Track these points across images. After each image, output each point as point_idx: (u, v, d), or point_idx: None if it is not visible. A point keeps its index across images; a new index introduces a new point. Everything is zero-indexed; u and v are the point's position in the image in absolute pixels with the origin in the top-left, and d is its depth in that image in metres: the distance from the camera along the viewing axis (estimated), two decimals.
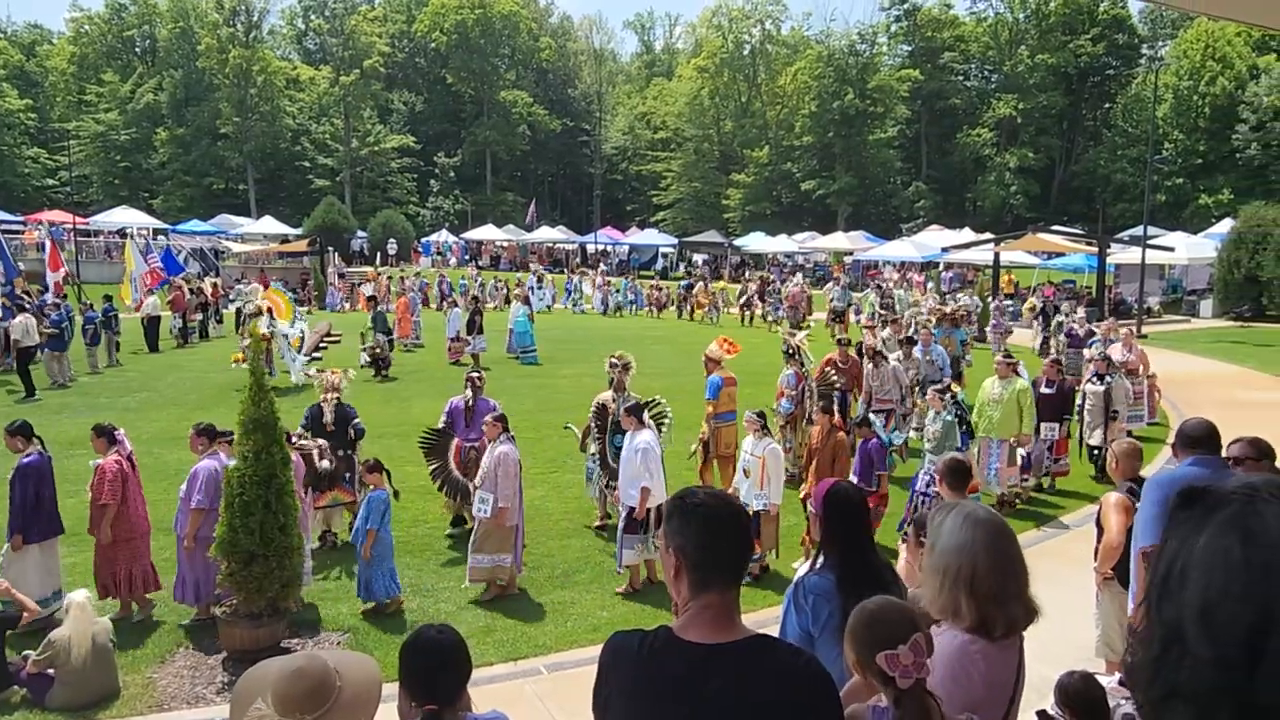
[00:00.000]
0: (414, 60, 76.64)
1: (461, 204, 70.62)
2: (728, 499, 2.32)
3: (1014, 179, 57.66)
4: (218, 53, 65.97)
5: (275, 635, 7.00)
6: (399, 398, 17.06)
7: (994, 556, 2.50)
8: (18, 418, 8.40)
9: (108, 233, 47.42)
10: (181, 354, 23.91)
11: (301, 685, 2.60)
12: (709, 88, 67.77)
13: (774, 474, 8.27)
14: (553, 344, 23.89)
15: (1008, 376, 10.43)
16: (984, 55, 64.89)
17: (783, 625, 3.45)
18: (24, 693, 6.41)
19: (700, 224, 62.24)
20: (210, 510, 7.43)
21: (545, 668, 6.90)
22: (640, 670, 2.16)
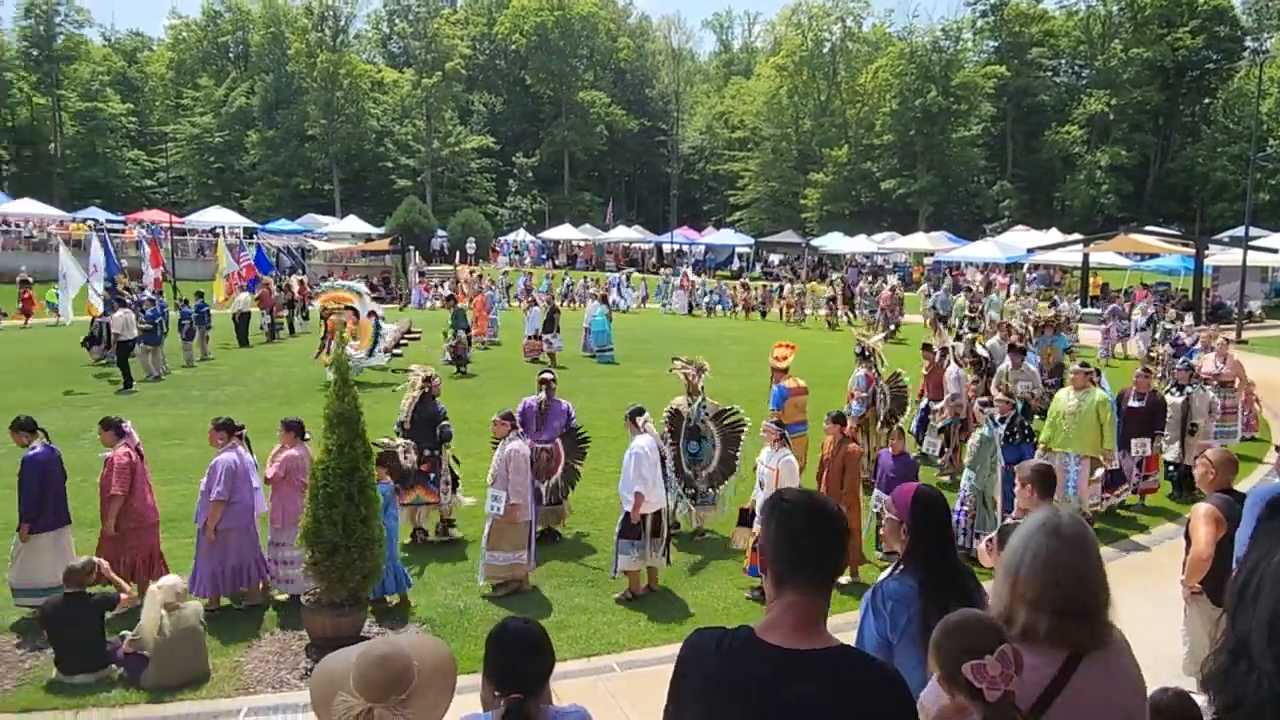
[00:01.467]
0: (494, 62, 77.86)
1: (539, 204, 71.45)
2: (818, 500, 2.27)
3: (1105, 177, 55.68)
4: (306, 57, 68.06)
5: (357, 624, 7.13)
6: (475, 394, 17.29)
7: (1044, 562, 2.42)
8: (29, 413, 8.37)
9: (201, 232, 49.18)
10: (269, 349, 24.67)
11: (383, 672, 2.67)
12: (788, 86, 67.14)
13: (789, 484, 7.80)
14: (630, 343, 23.95)
15: (1084, 387, 9.65)
16: (1074, 50, 62.84)
17: (860, 631, 3.39)
18: (121, 671, 6.64)
19: (777, 224, 61.73)
20: (230, 502, 7.60)
21: (618, 665, 6.90)
22: (717, 669, 2.15)
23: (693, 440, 9.58)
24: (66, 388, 18.17)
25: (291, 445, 8.17)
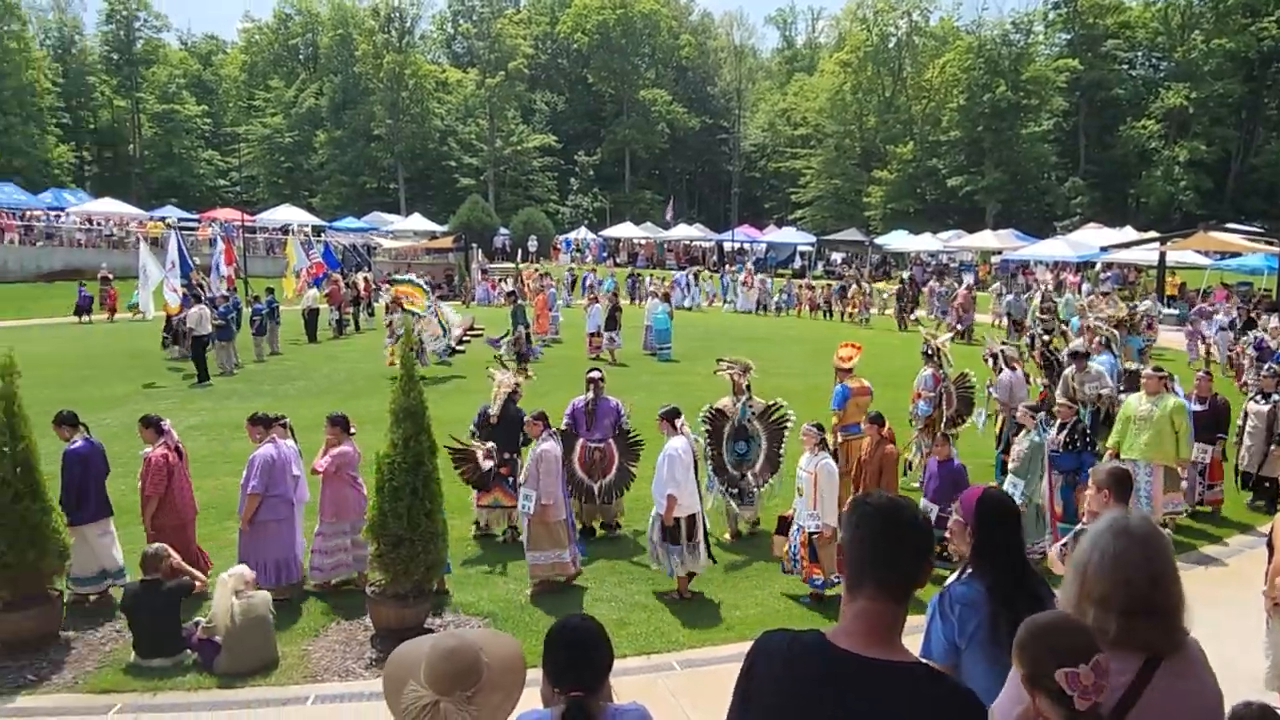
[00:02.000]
0: (556, 61, 78.36)
1: (600, 202, 71.70)
2: (899, 504, 2.21)
3: (1183, 173, 53.75)
4: (373, 58, 69.32)
5: (421, 616, 7.25)
6: (537, 391, 17.28)
7: (1112, 561, 2.36)
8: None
9: (271, 229, 50.34)
10: (337, 345, 25.19)
11: (454, 664, 2.71)
12: (851, 82, 66.22)
13: (827, 492, 7.71)
14: (690, 341, 23.89)
15: (1158, 392, 9.16)
16: (1152, 42, 60.65)
17: (926, 635, 3.34)
18: (195, 657, 6.85)
19: (840, 222, 60.94)
20: (266, 496, 7.72)
21: (678, 664, 6.89)
22: (785, 671, 2.13)
23: (740, 440, 9.50)
24: (145, 381, 18.78)
25: (339, 440, 8.29)
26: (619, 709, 2.91)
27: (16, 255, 40.40)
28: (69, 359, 21.29)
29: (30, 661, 6.89)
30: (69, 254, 41.77)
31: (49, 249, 41.97)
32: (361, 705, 6.22)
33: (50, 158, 64.42)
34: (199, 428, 14.17)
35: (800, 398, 10.15)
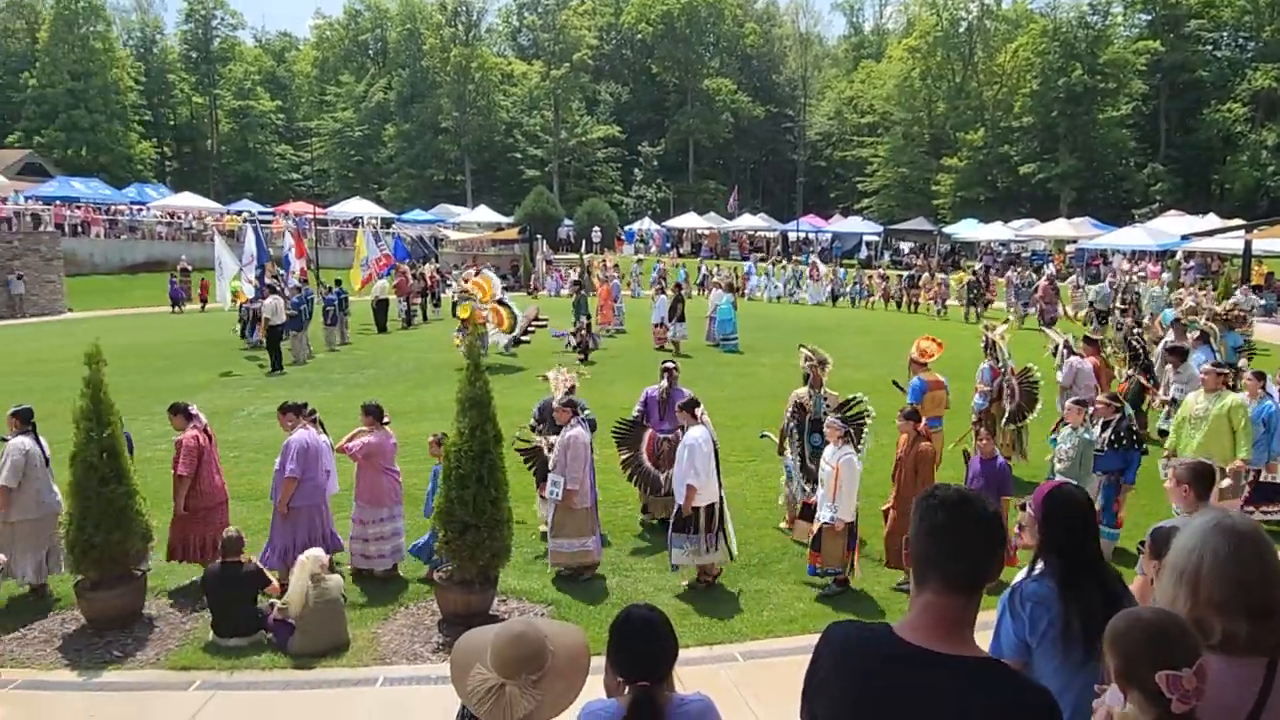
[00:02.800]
0: (620, 52, 78.33)
1: (664, 192, 71.58)
2: (967, 496, 2.15)
3: (1271, 158, 51.48)
4: (440, 52, 70.17)
5: (486, 602, 7.35)
6: (602, 381, 17.41)
7: (1231, 563, 2.27)
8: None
9: (342, 222, 51.37)
10: (405, 335, 25.63)
11: (520, 649, 2.75)
12: (920, 68, 64.90)
13: (846, 485, 7.55)
14: (754, 332, 23.74)
15: (1216, 389, 8.67)
16: (1238, 21, 58.00)
17: (996, 633, 3.28)
18: (270, 637, 7.04)
19: (907, 211, 59.85)
20: (302, 479, 7.81)
21: (740, 655, 6.85)
22: (851, 663, 2.11)
23: (815, 433, 9.38)
24: (223, 370, 19.32)
25: (371, 429, 8.37)
26: (683, 699, 2.91)
27: (102, 248, 41.67)
28: (154, 348, 22.03)
29: (116, 638, 7.14)
30: (151, 246, 43.09)
31: (132, 242, 43.26)
32: (428, 689, 6.31)
33: (133, 153, 66.71)
34: (273, 415, 14.43)
35: (864, 388, 9.96)
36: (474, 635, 3.02)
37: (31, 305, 31.98)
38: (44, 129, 63.09)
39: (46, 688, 6.52)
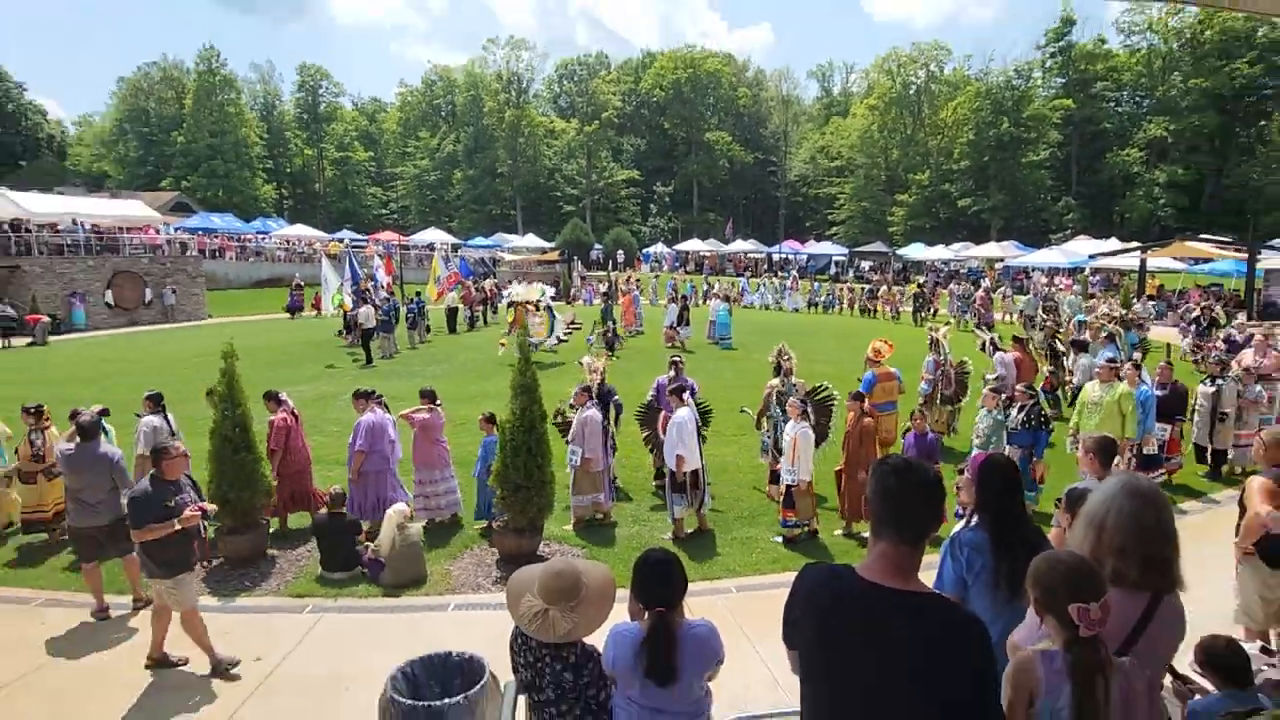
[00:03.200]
0: (639, 111, 78.08)
1: (673, 222, 71.44)
2: (913, 466, 2.13)
3: (1162, 193, 50.64)
4: (497, 112, 70.26)
5: (534, 545, 7.40)
6: (624, 372, 17.39)
7: (1132, 519, 2.29)
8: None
9: (420, 247, 51.59)
10: (469, 336, 25.72)
11: (561, 582, 2.78)
12: (878, 123, 64.30)
13: (803, 453, 7.53)
14: (746, 333, 23.65)
15: (1109, 381, 8.68)
16: (1136, 83, 57.09)
17: (939, 573, 3.27)
18: (365, 572, 7.14)
19: (868, 236, 59.35)
20: (370, 452, 7.83)
21: (735, 588, 6.86)
22: (822, 598, 2.12)
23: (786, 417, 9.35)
24: (327, 363, 19.50)
25: (428, 410, 8.36)
26: (691, 623, 2.94)
27: (235, 268, 42.18)
28: (274, 347, 22.25)
29: (246, 572, 7.27)
30: (272, 267, 43.55)
31: (258, 263, 43.74)
32: (489, 613, 6.36)
33: (258, 194, 67.25)
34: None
35: (831, 379, 9.91)
36: (524, 572, 3.06)
37: (180, 313, 32.39)
38: (189, 175, 63.70)
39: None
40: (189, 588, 5.57)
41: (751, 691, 5.07)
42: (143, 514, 5.28)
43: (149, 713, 5.07)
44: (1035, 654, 2.14)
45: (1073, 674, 2.05)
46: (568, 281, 40.40)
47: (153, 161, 67.89)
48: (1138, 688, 2.09)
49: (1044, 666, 2.09)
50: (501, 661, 3.36)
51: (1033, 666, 2.11)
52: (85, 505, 6.41)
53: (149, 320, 31.16)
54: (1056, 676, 2.07)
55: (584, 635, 2.94)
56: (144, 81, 70.96)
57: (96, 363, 20.47)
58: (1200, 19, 51.32)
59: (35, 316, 25.87)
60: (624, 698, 2.92)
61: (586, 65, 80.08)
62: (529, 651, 2.97)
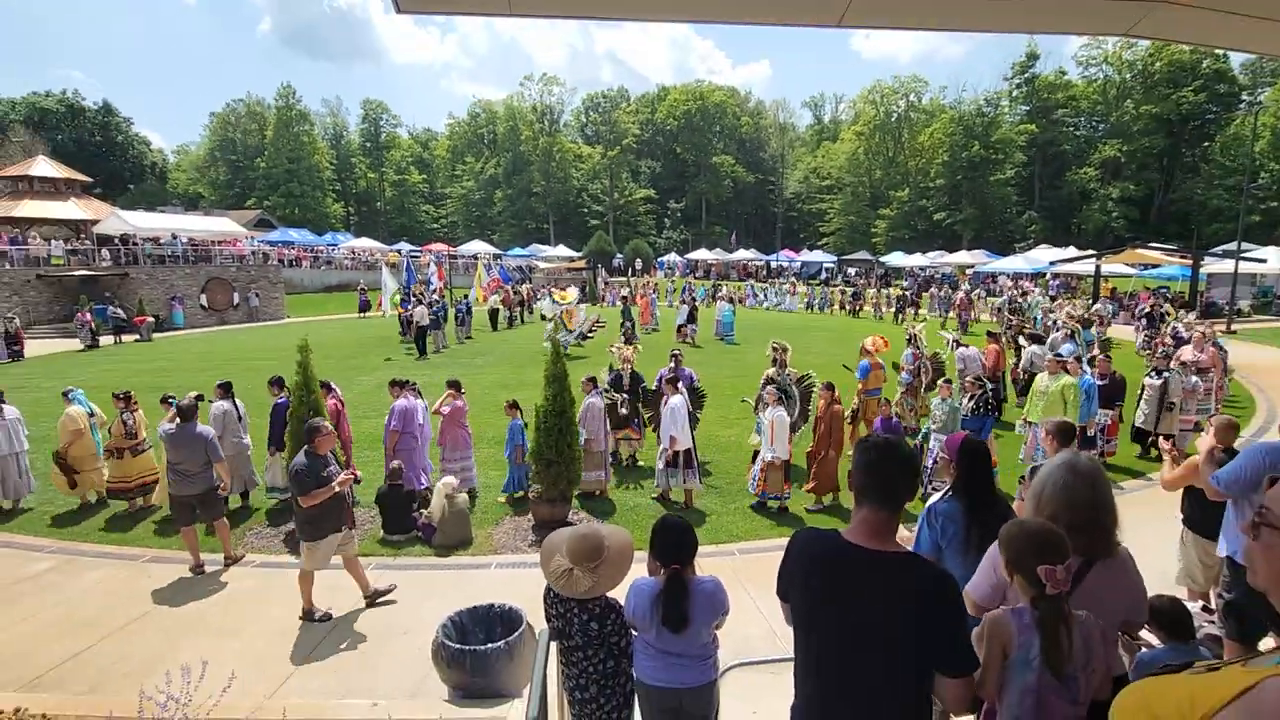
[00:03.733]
0: (655, 138, 77.70)
1: (684, 234, 71.15)
2: (892, 443, 2.11)
3: (1115, 206, 49.68)
4: (532, 140, 70.24)
5: (565, 513, 7.42)
6: (641, 363, 17.37)
7: (1063, 490, 2.28)
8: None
9: (466, 256, 51.83)
10: (509, 333, 25.77)
11: (585, 544, 2.79)
12: (864, 147, 63.59)
13: (779, 434, 7.48)
14: (748, 330, 23.52)
15: (1056, 372, 8.56)
16: (1092, 109, 56.01)
17: (917, 538, 3.25)
18: (419, 535, 7.20)
19: (854, 246, 58.77)
20: (403, 433, 7.82)
21: (738, 551, 6.86)
22: (811, 559, 2.11)
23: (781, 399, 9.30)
24: (385, 356, 19.64)
25: (455, 398, 8.36)
26: (701, 579, 2.95)
27: (309, 275, 42.61)
28: (342, 342, 22.48)
29: None
30: (340, 274, 43.94)
31: (328, 271, 44.13)
32: (525, 571, 6.39)
33: (328, 212, 67.86)
34: (424, 388, 14.56)
35: (820, 370, 9.82)
36: (556, 534, 3.07)
37: (263, 314, 32.80)
38: (270, 196, 64.40)
39: (276, 567, 6.73)
40: (321, 554, 5.63)
41: (751, 643, 5.06)
42: (306, 483, 5.37)
43: (238, 651, 5.17)
44: (1006, 612, 2.12)
45: (1040, 626, 2.03)
46: (593, 286, 40.42)
47: (239, 184, 68.69)
48: (1094, 635, 2.06)
49: (1015, 622, 2.07)
50: (537, 613, 3.38)
51: (1006, 623, 2.09)
52: (184, 476, 6.53)
53: (236, 320, 31.59)
54: (1026, 631, 2.06)
55: (605, 591, 2.95)
56: (232, 115, 71.75)
57: (193, 357, 20.80)
58: (1151, 51, 50.23)
59: (142, 318, 26.32)
60: (642, 642, 2.93)
61: (609, 98, 79.79)
62: (559, 604, 2.98)
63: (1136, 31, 2.84)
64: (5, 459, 8.17)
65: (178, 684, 3.25)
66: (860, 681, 1.97)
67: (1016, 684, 2.06)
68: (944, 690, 1.98)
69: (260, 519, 7.88)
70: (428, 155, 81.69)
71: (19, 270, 27.57)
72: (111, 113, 66.32)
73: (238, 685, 4.14)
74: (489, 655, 4.15)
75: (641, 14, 2.94)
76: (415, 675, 4.81)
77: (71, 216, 32.23)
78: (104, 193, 51.72)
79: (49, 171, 33.36)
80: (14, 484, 8.26)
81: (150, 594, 6.14)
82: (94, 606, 5.90)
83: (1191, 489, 4.79)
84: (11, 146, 50.24)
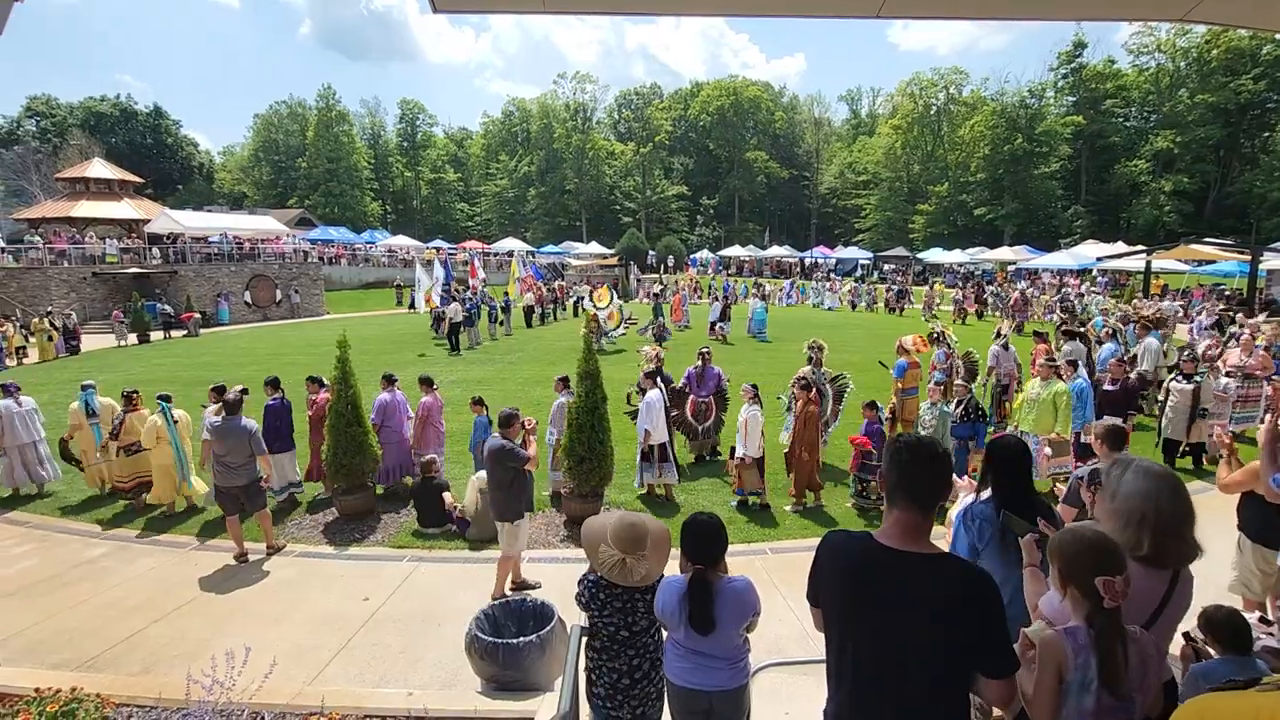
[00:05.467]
0: (688, 134, 77.38)
1: (717, 231, 70.71)
2: (924, 442, 2.06)
3: (1168, 200, 47.69)
4: (565, 138, 70.56)
5: (595, 509, 7.39)
6: (672, 361, 17.26)
7: (1174, 502, 2.13)
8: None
9: (500, 254, 52.30)
10: (542, 330, 25.93)
11: (635, 533, 2.80)
12: (901, 141, 62.27)
13: (751, 432, 7.40)
14: (780, 327, 23.30)
15: (1048, 378, 7.93)
16: (1144, 100, 53.79)
17: (954, 540, 3.18)
18: (454, 529, 7.30)
19: (891, 242, 57.65)
20: (383, 426, 8.02)
21: (770, 550, 6.81)
22: (842, 560, 2.08)
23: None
24: (419, 351, 19.91)
25: (426, 394, 8.41)
26: (731, 579, 2.92)
27: (347, 272, 43.38)
28: (379, 338, 22.89)
29: (357, 526, 7.51)
30: (377, 271, 44.67)
31: (366, 268, 44.83)
32: (557, 565, 6.45)
33: (366, 210, 69.22)
34: (458, 382, 14.72)
35: (859, 368, 9.69)
36: (594, 522, 3.08)
37: (304, 310, 33.63)
38: (310, 195, 66.02)
39: (316, 557, 6.90)
40: (523, 534, 5.88)
41: (783, 644, 5.01)
42: (520, 454, 5.64)
43: (279, 638, 5.31)
44: (1060, 633, 2.00)
45: (1098, 643, 1.94)
46: (626, 283, 40.48)
47: (281, 184, 70.52)
48: (1150, 652, 1.97)
49: (1070, 643, 1.97)
50: (569, 608, 3.39)
51: (1060, 645, 1.99)
52: (229, 468, 6.69)
53: (279, 316, 32.46)
54: (1083, 652, 1.96)
55: (656, 577, 2.96)
56: (274, 117, 73.66)
57: (238, 352, 21.43)
58: (1207, 39, 48.11)
59: (190, 314, 27.23)
60: (672, 641, 2.92)
61: (642, 95, 79.72)
62: (615, 599, 2.98)
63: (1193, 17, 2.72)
64: (25, 447, 8.68)
65: (223, 669, 3.36)
66: (896, 685, 1.93)
67: (1073, 708, 1.95)
68: (986, 691, 1.93)
69: (302, 511, 8.08)
70: (462, 154, 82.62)
71: (76, 268, 28.77)
72: (162, 116, 68.74)
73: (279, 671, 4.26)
74: (521, 649, 4.19)
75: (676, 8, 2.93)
76: (450, 667, 4.89)
77: (125, 216, 33.50)
78: (154, 193, 53.69)
79: (104, 173, 34.71)
80: (35, 471, 8.76)
81: (197, 581, 6.36)
82: (146, 592, 6.13)
83: (1250, 492, 4.58)
84: (70, 149, 52.47)
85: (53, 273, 28.11)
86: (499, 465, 5.65)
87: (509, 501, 5.74)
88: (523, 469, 5.65)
